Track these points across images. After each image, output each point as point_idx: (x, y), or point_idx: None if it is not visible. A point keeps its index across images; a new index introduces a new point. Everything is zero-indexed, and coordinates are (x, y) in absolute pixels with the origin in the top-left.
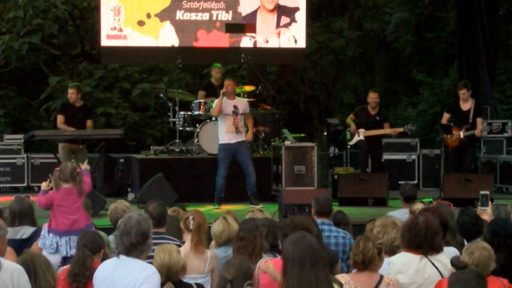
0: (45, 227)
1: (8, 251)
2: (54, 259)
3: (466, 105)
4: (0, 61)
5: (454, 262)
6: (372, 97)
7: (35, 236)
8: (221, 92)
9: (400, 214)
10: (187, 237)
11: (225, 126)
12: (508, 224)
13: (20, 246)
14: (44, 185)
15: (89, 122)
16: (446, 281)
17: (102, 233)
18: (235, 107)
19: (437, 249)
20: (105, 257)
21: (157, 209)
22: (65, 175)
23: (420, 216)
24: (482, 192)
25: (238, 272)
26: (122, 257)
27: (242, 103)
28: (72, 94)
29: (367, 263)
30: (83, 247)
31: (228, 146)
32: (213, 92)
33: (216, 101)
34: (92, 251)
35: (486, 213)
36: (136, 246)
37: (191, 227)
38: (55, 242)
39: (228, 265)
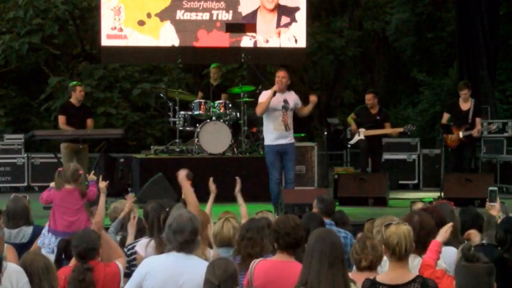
0: (46, 225)
1: (8, 248)
2: (51, 259)
3: (466, 105)
4: (0, 61)
5: (465, 253)
6: (367, 98)
7: (35, 237)
8: (273, 88)
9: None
10: None
11: (273, 123)
12: None
13: (22, 250)
14: (52, 183)
15: (90, 122)
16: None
17: None
18: (285, 101)
19: None
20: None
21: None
22: (67, 176)
23: (415, 215)
24: (490, 188)
25: (226, 273)
26: (174, 253)
27: (292, 96)
28: (81, 91)
29: (376, 262)
30: (80, 260)
31: (276, 148)
32: (207, 93)
33: (265, 95)
34: (90, 257)
35: (494, 209)
36: (189, 243)
37: None
38: (52, 242)
39: (213, 268)
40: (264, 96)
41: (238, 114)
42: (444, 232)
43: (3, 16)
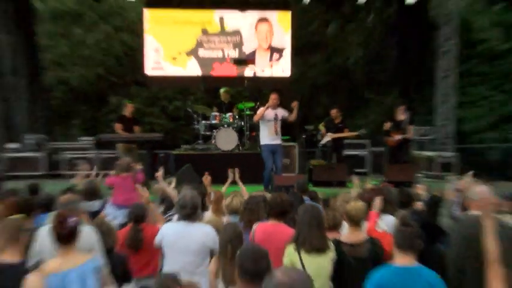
0: (110, 200)
1: (84, 216)
2: (114, 225)
3: (402, 116)
4: (75, 86)
5: (401, 219)
6: (332, 112)
7: (101, 208)
8: (267, 104)
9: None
10: (210, 207)
11: (268, 130)
12: (439, 199)
13: (93, 215)
14: (112, 171)
15: (137, 128)
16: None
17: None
18: (276, 114)
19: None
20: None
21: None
22: (122, 167)
23: (365, 194)
24: (417, 174)
25: (235, 233)
26: (182, 221)
27: (280, 111)
28: (132, 107)
29: (337, 226)
30: (134, 223)
31: (270, 146)
32: (221, 109)
33: (261, 109)
34: (141, 220)
35: (420, 189)
36: (190, 215)
37: (212, 199)
38: (114, 212)
39: (225, 229)
40: (260, 109)
41: (242, 123)
42: (377, 204)
43: (77, 53)
